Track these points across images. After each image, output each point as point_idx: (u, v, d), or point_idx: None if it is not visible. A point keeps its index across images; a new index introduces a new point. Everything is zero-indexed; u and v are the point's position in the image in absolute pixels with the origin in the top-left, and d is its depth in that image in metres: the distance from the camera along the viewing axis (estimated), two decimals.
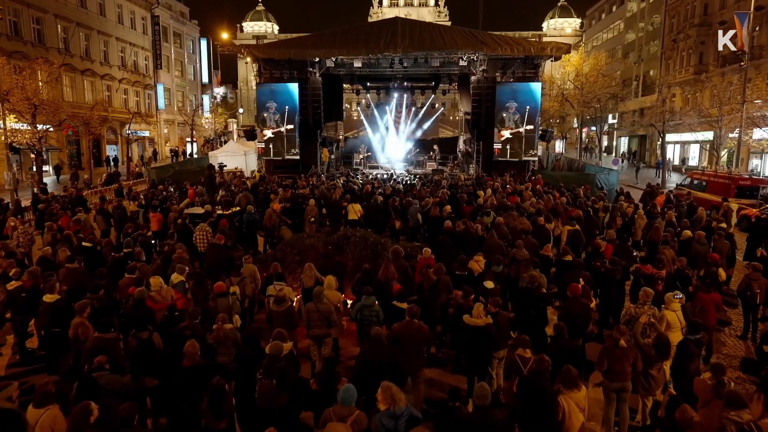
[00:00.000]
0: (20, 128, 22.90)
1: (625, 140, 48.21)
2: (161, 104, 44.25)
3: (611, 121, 47.59)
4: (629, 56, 46.97)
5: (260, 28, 68.51)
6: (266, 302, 7.41)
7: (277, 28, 69.84)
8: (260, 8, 69.41)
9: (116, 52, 37.68)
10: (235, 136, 47.84)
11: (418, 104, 33.52)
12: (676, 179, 29.36)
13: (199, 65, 52.97)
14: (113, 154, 37.43)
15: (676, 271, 8.93)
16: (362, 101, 35.23)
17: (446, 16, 67.36)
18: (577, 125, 46.17)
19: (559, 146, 49.47)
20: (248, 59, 24.80)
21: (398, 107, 32.30)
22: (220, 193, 15.56)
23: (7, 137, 21.80)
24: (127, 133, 32.54)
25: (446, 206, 13.04)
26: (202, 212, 13.01)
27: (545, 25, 66.55)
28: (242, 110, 61.77)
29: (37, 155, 23.18)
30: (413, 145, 31.99)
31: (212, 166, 15.78)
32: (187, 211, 13.56)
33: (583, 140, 44.38)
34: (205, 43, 52.57)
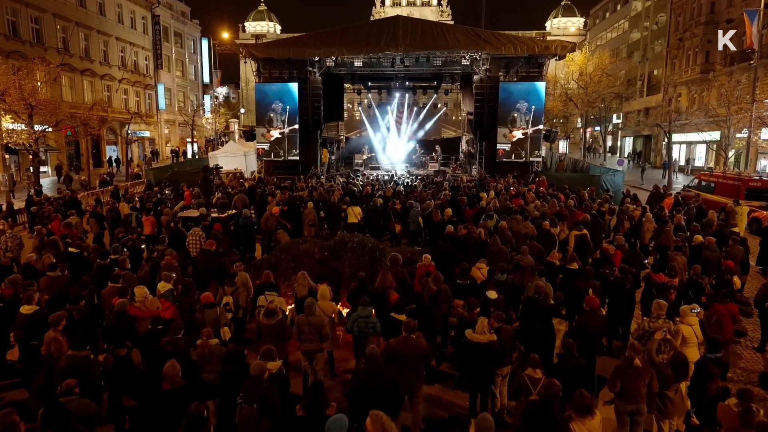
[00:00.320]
0: (16, 129, 22.61)
1: (629, 140, 47.64)
2: (162, 104, 43.96)
3: (615, 121, 47.02)
4: (634, 55, 46.40)
5: (262, 28, 68.17)
6: (256, 314, 7.02)
7: (279, 28, 69.52)
8: (262, 8, 69.11)
9: (116, 51, 37.39)
10: (236, 136, 47.52)
11: (420, 104, 33.10)
12: (681, 180, 28.87)
13: (200, 65, 52.64)
14: (113, 154, 37.16)
15: (688, 280, 8.49)
16: (364, 101, 34.85)
17: (449, 15, 66.97)
18: (580, 125, 45.63)
19: (562, 146, 48.91)
20: (247, 59, 24.43)
21: (400, 107, 31.87)
22: (216, 195, 15.18)
23: (2, 138, 21.48)
24: (126, 133, 32.20)
25: (447, 209, 12.65)
26: (196, 215, 12.65)
27: (548, 24, 66.11)
28: (243, 110, 61.47)
29: (33, 156, 22.86)
30: (416, 144, 31.58)
31: (207, 167, 15.39)
32: (181, 214, 13.20)
33: (586, 140, 43.82)
34: (206, 43, 52.29)
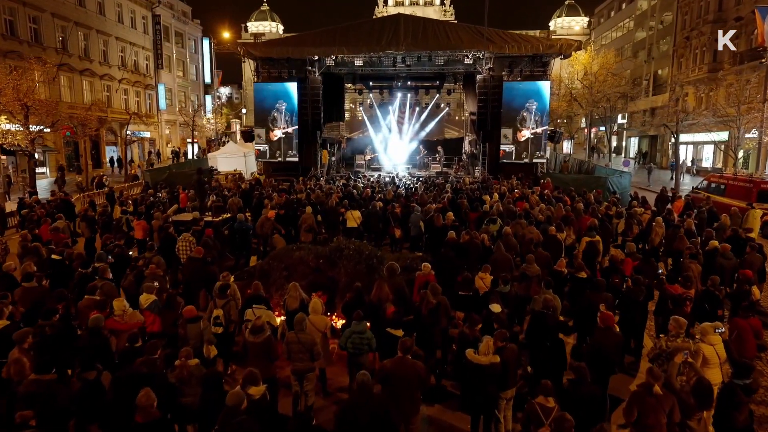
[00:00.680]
0: (12, 129, 22.22)
1: (634, 140, 47.00)
2: (162, 105, 43.59)
3: (620, 121, 46.40)
4: (639, 55, 45.78)
5: (265, 27, 67.77)
6: (243, 329, 6.56)
7: (282, 28, 69.08)
8: (265, 8, 68.73)
9: (116, 51, 37.04)
10: (237, 137, 47.13)
11: (422, 104, 32.58)
12: (688, 181, 28.29)
13: (201, 65, 52.26)
14: (113, 155, 36.81)
15: (704, 291, 7.93)
16: (366, 101, 34.38)
17: (452, 15, 66.43)
18: (584, 125, 45.04)
19: (567, 147, 48.33)
20: (246, 58, 24.03)
21: (402, 107, 31.37)
22: (210, 198, 14.74)
23: None
24: (126, 134, 31.82)
25: (449, 213, 12.17)
26: (189, 219, 12.22)
27: (552, 23, 65.50)
28: (245, 111, 61.10)
29: (29, 157, 22.48)
30: (418, 145, 31.07)
31: (201, 169, 14.95)
32: (174, 217, 12.78)
33: (591, 140, 43.23)
34: (207, 43, 51.89)
